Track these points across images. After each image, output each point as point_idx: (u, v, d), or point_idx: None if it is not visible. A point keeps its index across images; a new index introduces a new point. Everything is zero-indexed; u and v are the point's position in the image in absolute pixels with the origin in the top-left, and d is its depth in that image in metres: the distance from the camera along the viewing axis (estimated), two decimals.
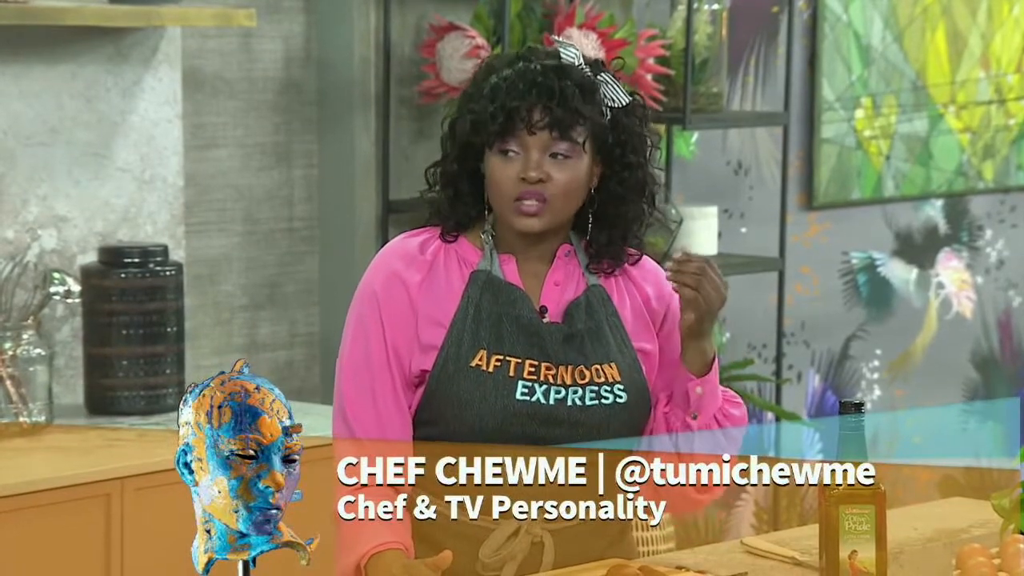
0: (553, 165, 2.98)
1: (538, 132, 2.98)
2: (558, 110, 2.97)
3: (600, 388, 3.04)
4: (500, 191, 3.01)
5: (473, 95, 3.09)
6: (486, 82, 3.07)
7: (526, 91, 2.99)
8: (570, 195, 3.01)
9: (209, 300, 4.77)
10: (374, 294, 3.06)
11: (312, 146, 4.96)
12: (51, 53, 4.34)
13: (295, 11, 4.88)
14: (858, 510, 2.69)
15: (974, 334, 6.53)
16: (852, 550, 2.68)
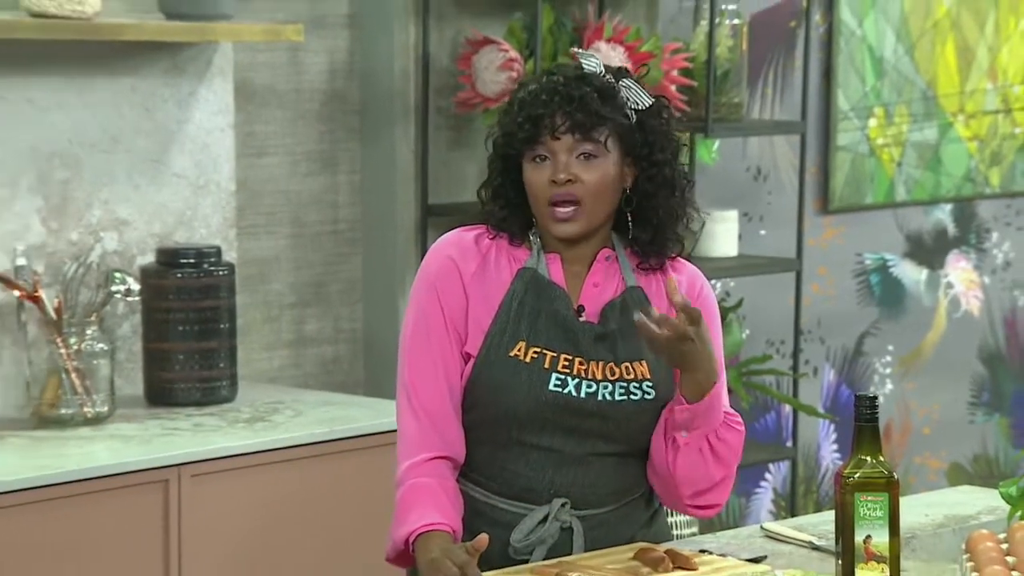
0: (581, 166, 3.02)
1: (562, 136, 3.02)
2: (578, 114, 3.01)
3: (629, 384, 3.06)
4: (535, 195, 3.05)
5: (506, 111, 3.14)
6: (515, 98, 3.13)
7: (548, 100, 3.03)
8: (601, 194, 3.04)
9: (259, 298, 4.78)
10: (432, 280, 3.10)
11: (355, 153, 4.98)
12: (113, 67, 4.36)
13: (340, 26, 4.90)
14: (872, 497, 2.69)
15: (981, 331, 6.52)
16: (867, 535, 2.68)
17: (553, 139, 3.03)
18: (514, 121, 3.07)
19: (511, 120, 3.08)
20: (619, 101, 3.07)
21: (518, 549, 3.06)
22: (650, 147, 3.08)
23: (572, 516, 3.08)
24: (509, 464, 3.09)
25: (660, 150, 3.09)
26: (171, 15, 4.33)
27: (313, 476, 4.15)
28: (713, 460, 3.04)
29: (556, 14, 5.01)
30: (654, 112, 3.10)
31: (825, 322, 6.05)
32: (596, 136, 3.03)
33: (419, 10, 4.88)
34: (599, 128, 3.03)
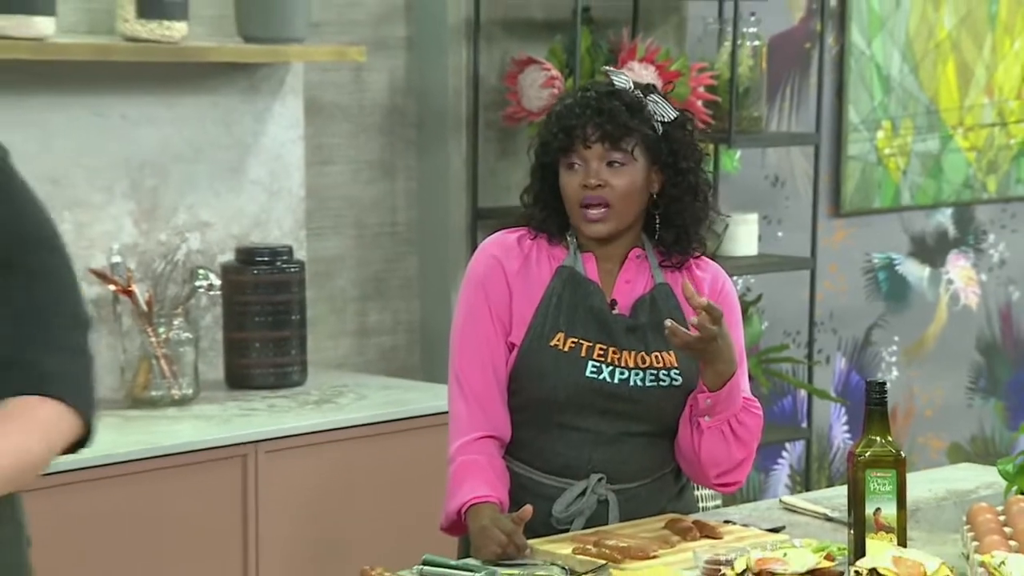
0: (610, 173, 3.03)
1: (592, 145, 3.03)
2: (607, 125, 3.03)
3: (658, 372, 3.07)
4: (568, 198, 3.07)
5: (545, 123, 3.16)
6: (553, 111, 3.15)
7: (581, 112, 3.05)
8: (629, 197, 3.05)
9: (326, 293, 4.79)
10: (480, 278, 3.12)
11: (412, 162, 4.98)
12: (197, 86, 4.38)
13: (398, 48, 4.91)
14: (881, 474, 2.68)
15: (979, 324, 6.50)
16: (876, 507, 2.68)
17: (585, 148, 3.04)
18: (551, 132, 3.10)
19: (549, 131, 3.11)
20: (646, 114, 3.07)
21: (559, 519, 3.08)
22: (675, 156, 3.09)
23: (608, 490, 3.10)
24: (550, 443, 3.11)
25: (684, 159, 3.10)
26: (249, 39, 4.35)
27: (374, 452, 4.17)
28: (735, 442, 3.06)
29: (593, 36, 5.01)
30: (679, 124, 3.11)
31: (837, 315, 6.04)
32: (624, 146, 3.04)
33: (470, 33, 4.89)
34: (627, 138, 3.04)
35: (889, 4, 6.06)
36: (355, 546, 3.95)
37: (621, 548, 2.84)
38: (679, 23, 5.35)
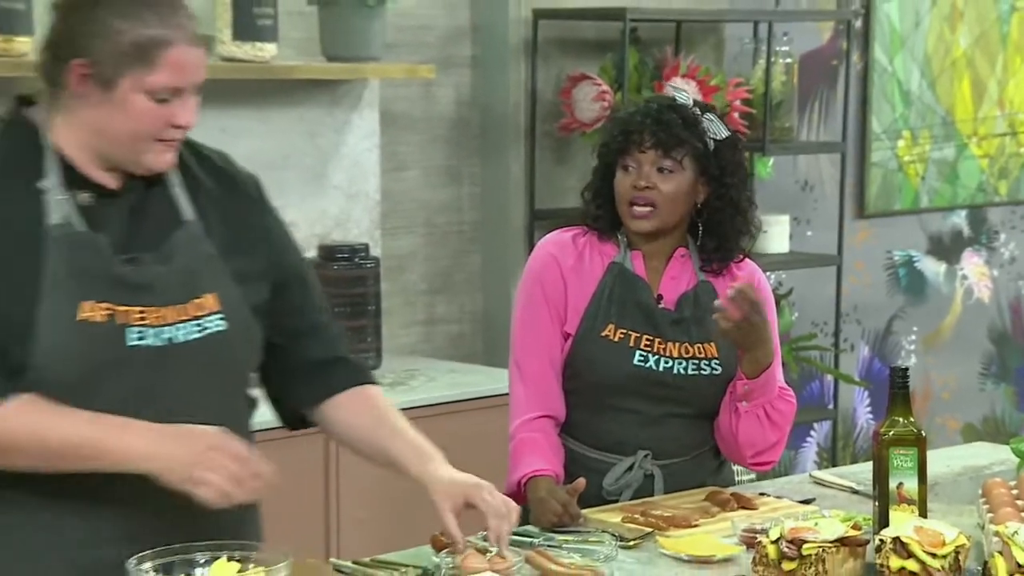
0: (660, 177, 3.03)
1: (647, 151, 3.03)
2: (662, 134, 3.03)
3: (700, 362, 3.07)
4: (619, 195, 3.08)
5: (609, 127, 3.16)
6: (618, 117, 3.15)
7: (640, 121, 3.05)
8: (674, 201, 3.05)
9: (399, 286, 4.79)
10: (538, 273, 3.12)
11: (476, 169, 4.98)
12: (284, 100, 4.40)
13: (464, 66, 4.91)
14: (904, 451, 2.68)
15: (991, 315, 6.46)
16: (899, 482, 2.67)
17: (640, 152, 3.05)
18: (612, 134, 3.11)
19: (610, 134, 3.12)
20: (700, 130, 3.07)
21: (609, 491, 3.08)
22: (722, 171, 3.08)
23: (653, 465, 3.10)
24: (602, 423, 3.11)
25: (730, 175, 3.09)
26: (331, 58, 4.37)
27: (441, 430, 4.10)
28: (769, 426, 3.05)
29: (640, 55, 5.01)
30: (729, 144, 3.11)
31: (860, 307, 6.01)
32: (674, 154, 3.04)
33: (528, 52, 4.89)
34: (678, 148, 3.04)
35: (909, 24, 6.03)
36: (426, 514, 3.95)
37: (666, 517, 2.85)
38: (718, 43, 5.34)
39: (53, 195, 2.31)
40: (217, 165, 2.52)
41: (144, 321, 2.32)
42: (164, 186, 2.41)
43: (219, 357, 2.40)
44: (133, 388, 2.32)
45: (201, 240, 2.41)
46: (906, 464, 2.68)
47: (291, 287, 2.55)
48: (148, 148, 2.34)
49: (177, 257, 2.38)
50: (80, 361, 2.28)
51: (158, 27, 2.28)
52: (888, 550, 2.47)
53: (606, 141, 3.12)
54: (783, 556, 2.49)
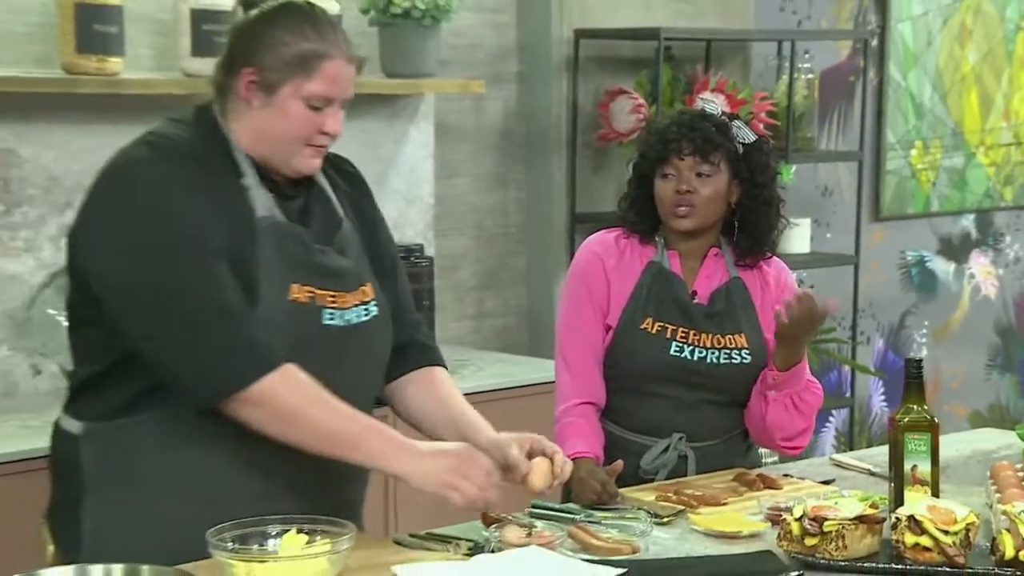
0: (698, 181, 3.04)
1: (685, 157, 3.04)
2: (699, 141, 3.03)
3: (731, 352, 3.07)
4: (662, 202, 3.07)
5: (645, 140, 3.17)
6: (654, 130, 3.15)
7: (676, 131, 3.06)
8: (712, 203, 3.05)
9: (451, 283, 4.80)
10: (582, 270, 3.13)
11: (521, 176, 4.98)
12: (349, 113, 4.22)
13: (511, 81, 4.92)
14: (918, 436, 2.68)
15: (996, 311, 6.44)
16: (913, 464, 2.67)
17: (679, 159, 3.05)
18: (650, 145, 3.11)
19: (648, 145, 3.12)
20: (731, 135, 3.08)
21: (646, 471, 3.08)
22: (752, 172, 3.08)
23: (687, 447, 3.10)
24: (639, 408, 3.11)
25: (760, 175, 3.09)
26: (390, 74, 4.38)
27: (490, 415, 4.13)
28: (796, 414, 3.06)
29: (673, 71, 5.01)
30: (757, 147, 3.11)
31: (876, 303, 5.99)
32: (712, 159, 3.04)
33: (570, 69, 4.90)
34: (714, 153, 3.05)
35: (921, 43, 6.01)
36: None
37: (697, 496, 2.84)
38: (745, 60, 5.34)
39: (255, 190, 2.42)
40: (344, 168, 2.67)
41: (334, 304, 2.46)
42: (321, 188, 2.54)
43: (376, 337, 2.56)
44: (322, 360, 2.43)
45: (355, 236, 2.56)
46: (920, 448, 2.67)
47: (390, 276, 2.64)
48: (298, 151, 2.44)
49: (348, 251, 2.53)
50: (287, 335, 2.39)
51: (318, 42, 2.40)
52: (903, 527, 2.47)
53: (644, 152, 3.12)
54: (806, 532, 2.49)
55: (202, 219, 2.35)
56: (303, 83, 2.39)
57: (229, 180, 2.42)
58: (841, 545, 2.47)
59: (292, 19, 2.42)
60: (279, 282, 2.40)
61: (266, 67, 2.40)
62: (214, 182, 2.40)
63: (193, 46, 3.90)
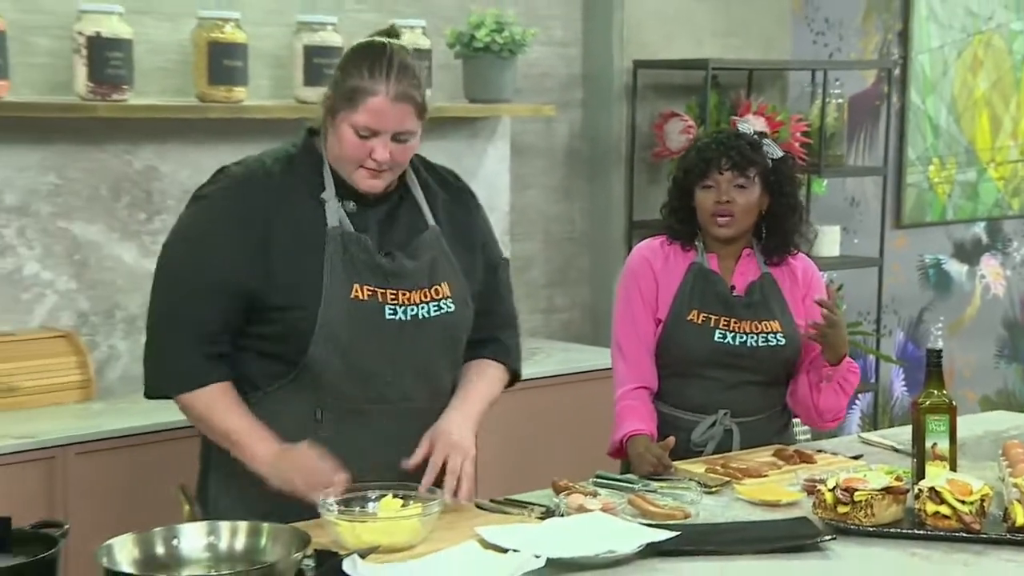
0: (737, 192, 3.03)
1: (725, 172, 3.03)
2: (737, 158, 3.03)
3: (767, 336, 3.06)
4: (704, 211, 3.06)
5: (685, 156, 3.16)
6: (694, 148, 3.14)
7: (717, 147, 3.05)
8: (747, 211, 3.05)
9: (524, 282, 4.79)
10: (634, 272, 3.13)
11: (585, 188, 4.97)
12: (437, 134, 4.34)
13: (577, 106, 4.90)
14: (938, 417, 2.66)
15: (1004, 308, 6.37)
16: (934, 442, 2.65)
17: (719, 174, 3.04)
18: (692, 162, 3.10)
19: (690, 161, 3.11)
20: (762, 152, 3.07)
21: (696, 444, 3.07)
22: (780, 184, 3.08)
23: (732, 423, 3.09)
24: (688, 389, 3.10)
25: (787, 185, 3.10)
26: (472, 100, 4.38)
27: (557, 397, 4.18)
28: (842, 394, 3.07)
29: (719, 96, 4.98)
30: (784, 162, 3.12)
31: (897, 300, 5.94)
32: (747, 173, 3.04)
33: (629, 95, 4.88)
34: (750, 168, 3.04)
35: (938, 72, 5.96)
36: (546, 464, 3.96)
37: (741, 469, 2.84)
38: (782, 86, 5.30)
39: (330, 203, 2.46)
40: (447, 180, 2.67)
41: (396, 301, 2.47)
42: (412, 198, 2.55)
43: (447, 331, 2.54)
44: (388, 349, 2.47)
45: (439, 241, 2.55)
46: (939, 428, 2.65)
47: (488, 277, 2.65)
48: (354, 171, 2.45)
49: (422, 254, 2.52)
50: (351, 328, 2.44)
51: (368, 81, 2.40)
52: (925, 497, 2.45)
53: (687, 168, 3.10)
54: (838, 501, 2.48)
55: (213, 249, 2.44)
56: (351, 114, 2.41)
57: (307, 194, 2.47)
58: (869, 513, 2.45)
59: (358, 57, 2.44)
60: (343, 282, 2.43)
61: (332, 96, 2.45)
62: (288, 203, 2.45)
63: (305, 77, 3.95)
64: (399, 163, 2.47)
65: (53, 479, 3.27)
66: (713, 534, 2.42)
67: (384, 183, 2.48)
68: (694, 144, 3.20)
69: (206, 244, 2.45)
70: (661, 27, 4.94)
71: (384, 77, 2.40)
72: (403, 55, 2.45)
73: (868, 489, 2.46)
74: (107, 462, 3.33)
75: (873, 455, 3.05)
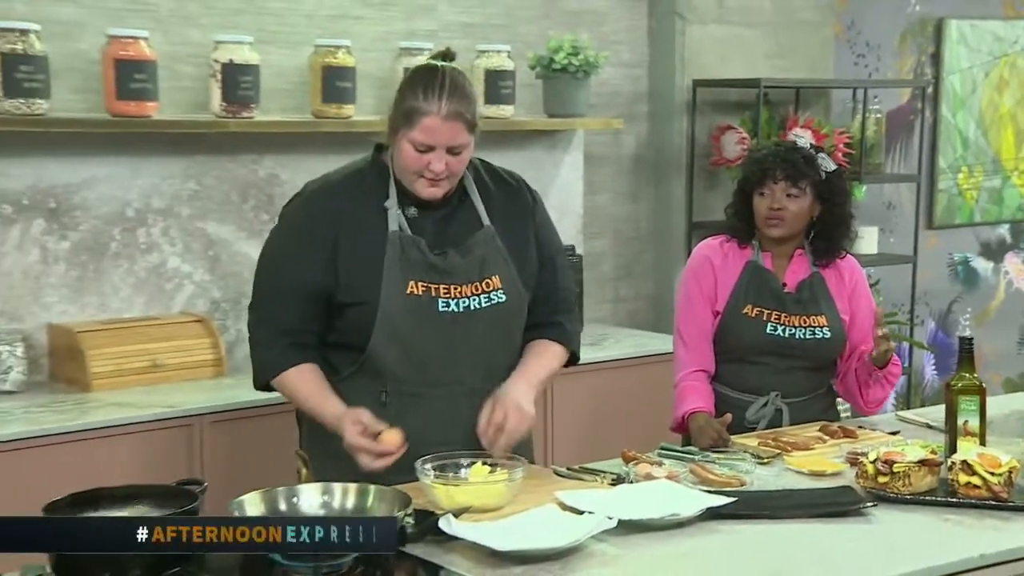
0: (788, 200, 3.01)
1: (779, 181, 3.00)
2: (790, 170, 3.00)
3: (814, 329, 3.03)
4: (758, 215, 3.05)
5: (747, 164, 3.13)
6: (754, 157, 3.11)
7: (773, 159, 3.03)
8: (798, 217, 3.01)
9: (595, 275, 4.79)
10: (695, 269, 3.11)
11: (650, 192, 4.94)
12: (519, 145, 4.40)
13: (642, 119, 4.88)
14: (969, 398, 2.62)
15: None
16: (965, 420, 2.61)
17: (773, 183, 3.01)
18: (752, 170, 3.07)
19: (750, 169, 3.09)
20: (816, 165, 3.03)
21: (750, 421, 3.05)
22: (831, 195, 3.05)
23: (782, 403, 3.06)
24: (743, 373, 3.08)
25: (838, 197, 3.06)
26: (551, 115, 4.38)
27: (625, 377, 4.16)
28: (887, 385, 3.06)
29: (770, 111, 4.94)
30: (836, 174, 3.07)
31: (929, 293, 5.85)
32: (799, 184, 3.00)
33: (689, 110, 4.85)
34: (802, 180, 3.01)
35: (967, 90, 5.86)
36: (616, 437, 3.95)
37: (791, 442, 2.81)
38: (827, 103, 5.24)
39: (392, 210, 2.46)
40: (505, 180, 2.62)
41: (449, 295, 2.46)
42: (469, 201, 2.53)
43: (499, 319, 2.50)
44: (442, 338, 2.46)
45: (493, 238, 2.52)
46: (970, 407, 2.61)
47: (544, 267, 2.61)
48: (415, 181, 2.44)
49: (475, 251, 2.49)
50: (408, 320, 2.44)
51: (422, 102, 2.39)
52: (957, 469, 2.43)
53: (747, 175, 3.08)
54: (878, 472, 2.45)
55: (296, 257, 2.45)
56: (408, 131, 2.40)
57: (374, 202, 2.46)
58: (907, 482, 2.43)
59: (414, 78, 2.42)
60: (399, 280, 2.42)
61: (394, 115, 2.43)
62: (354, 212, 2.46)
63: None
64: (455, 172, 2.44)
65: (192, 444, 3.34)
66: (766, 500, 2.41)
67: (443, 191, 2.45)
68: (754, 153, 3.18)
69: (283, 255, 2.48)
70: (718, 50, 4.90)
71: (436, 98, 2.38)
72: (455, 76, 2.41)
73: (906, 461, 2.44)
74: (237, 429, 3.39)
75: (909, 431, 3.01)
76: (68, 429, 3.15)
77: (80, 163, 3.59)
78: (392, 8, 4.16)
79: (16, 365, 3.45)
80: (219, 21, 3.81)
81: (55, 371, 3.56)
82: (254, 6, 3.89)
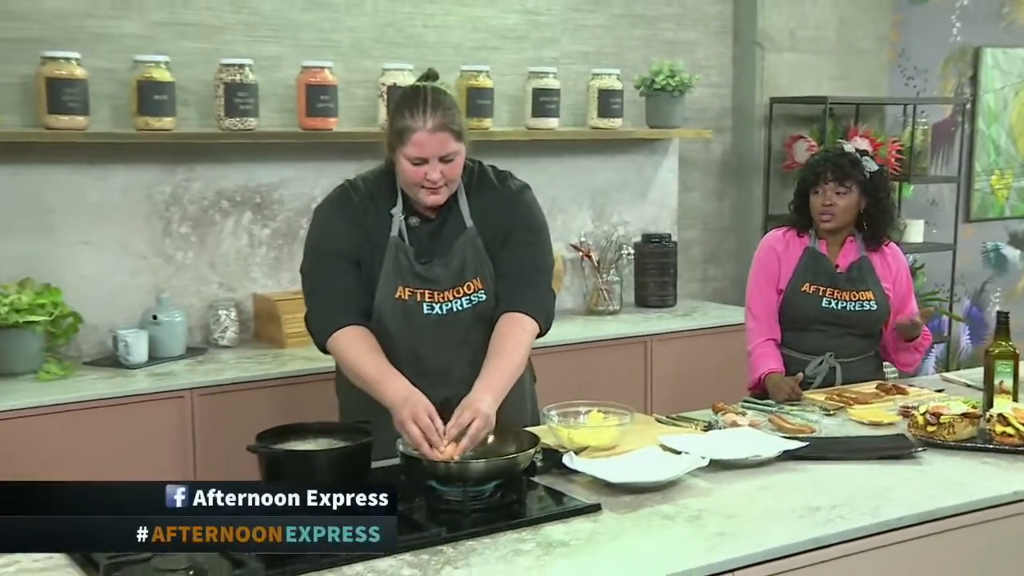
0: (838, 198, 2.93)
1: (829, 182, 2.92)
2: (837, 172, 2.92)
3: (863, 302, 2.95)
4: (813, 209, 2.98)
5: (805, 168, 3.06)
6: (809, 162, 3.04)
7: (824, 163, 2.95)
8: (846, 211, 2.93)
9: (687, 259, 4.70)
10: (763, 255, 3.06)
11: (733, 191, 4.83)
12: (624, 151, 4.33)
13: (727, 131, 4.77)
14: (1004, 362, 2.53)
15: None
16: (1001, 380, 2.52)
17: (825, 183, 2.94)
18: (808, 172, 3.00)
19: (807, 172, 3.02)
20: (861, 166, 2.94)
21: (808, 376, 2.97)
22: (876, 191, 2.96)
23: (836, 362, 2.98)
24: (803, 338, 3.01)
25: (881, 192, 2.97)
26: (652, 126, 4.30)
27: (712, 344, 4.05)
28: (916, 352, 2.98)
29: (834, 123, 4.79)
30: (879, 174, 2.99)
31: (965, 275, 5.63)
32: (846, 184, 2.93)
33: (766, 122, 4.73)
34: (848, 180, 2.93)
35: (1000, 106, 5.63)
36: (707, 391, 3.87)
37: (852, 397, 2.75)
38: (881, 117, 5.07)
39: (396, 218, 2.29)
40: (492, 182, 2.35)
41: (432, 299, 2.29)
42: (457, 206, 2.32)
43: (482, 315, 2.31)
44: (430, 336, 2.30)
45: (474, 239, 2.31)
46: (1005, 370, 2.53)
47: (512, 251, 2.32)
48: (416, 191, 2.25)
49: (456, 257, 2.30)
50: (397, 320, 2.29)
51: (409, 120, 2.21)
52: (995, 421, 2.35)
53: (803, 177, 3.02)
54: (927, 422, 2.39)
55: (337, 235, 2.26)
56: (402, 148, 2.22)
57: (383, 209, 2.29)
58: (952, 431, 2.36)
59: (401, 102, 2.23)
60: (391, 284, 2.27)
61: (390, 134, 2.25)
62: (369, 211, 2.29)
63: (533, 110, 3.99)
64: (451, 178, 2.24)
65: None
66: (832, 444, 2.36)
67: (443, 197, 2.25)
68: (810, 160, 3.10)
69: (323, 228, 2.29)
70: (790, 73, 4.78)
71: (422, 114, 2.19)
72: (435, 93, 2.22)
73: (950, 414, 2.38)
74: None
75: (952, 389, 2.92)
76: (270, 376, 3.21)
77: (278, 167, 3.67)
78: (524, 41, 4.15)
79: (231, 326, 3.55)
80: (386, 52, 3.85)
81: (258, 331, 3.64)
82: (414, 40, 3.92)
